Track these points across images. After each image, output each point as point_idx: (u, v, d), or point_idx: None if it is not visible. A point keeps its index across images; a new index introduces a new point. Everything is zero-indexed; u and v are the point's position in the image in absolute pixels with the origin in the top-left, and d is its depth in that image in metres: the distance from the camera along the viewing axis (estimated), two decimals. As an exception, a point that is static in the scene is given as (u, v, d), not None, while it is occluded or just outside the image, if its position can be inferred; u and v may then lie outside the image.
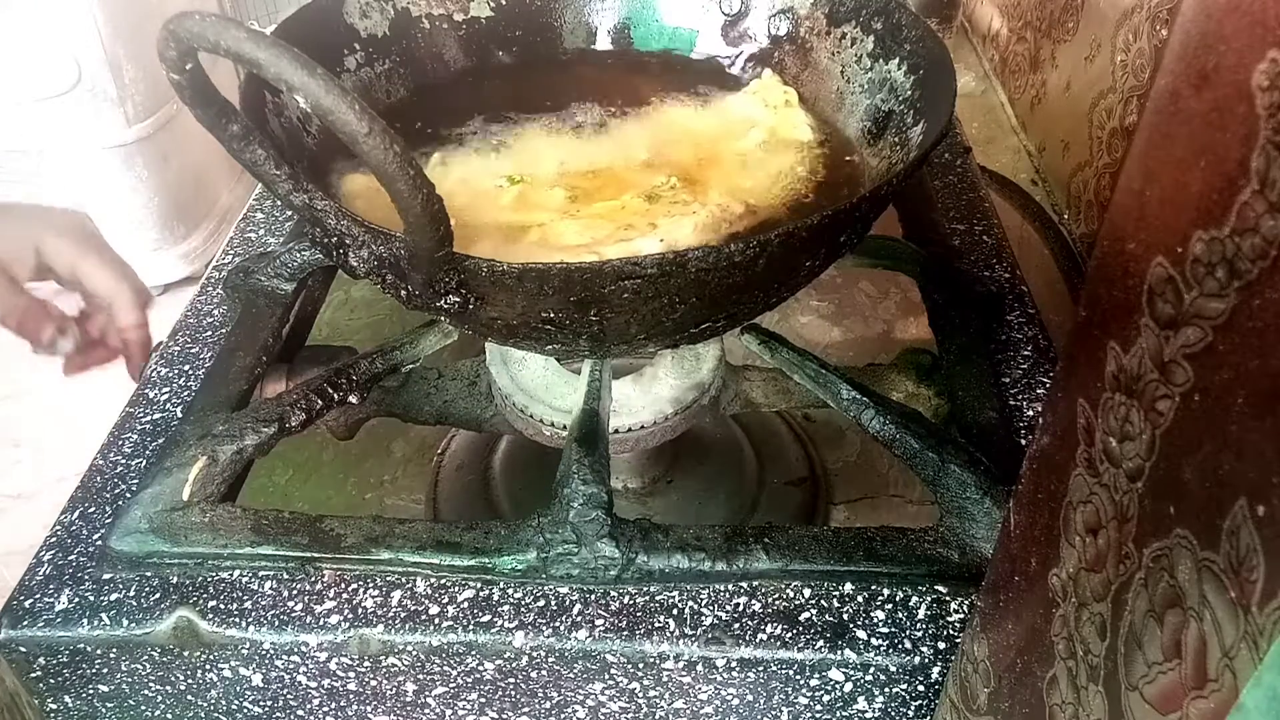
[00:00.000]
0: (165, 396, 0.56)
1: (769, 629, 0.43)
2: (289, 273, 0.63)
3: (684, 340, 0.47)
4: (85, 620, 0.44)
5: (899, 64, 0.54)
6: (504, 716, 0.46)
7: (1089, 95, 0.73)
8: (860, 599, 0.44)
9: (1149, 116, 0.23)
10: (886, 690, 0.43)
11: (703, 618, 0.43)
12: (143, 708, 0.47)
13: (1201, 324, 0.21)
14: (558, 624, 0.43)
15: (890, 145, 0.52)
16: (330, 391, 0.52)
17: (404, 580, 0.45)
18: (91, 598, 0.45)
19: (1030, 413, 0.54)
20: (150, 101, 1.60)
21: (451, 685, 0.45)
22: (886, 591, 0.44)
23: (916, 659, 0.42)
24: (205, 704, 0.46)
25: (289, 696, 0.46)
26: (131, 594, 0.45)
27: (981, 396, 0.54)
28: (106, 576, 0.46)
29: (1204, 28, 0.21)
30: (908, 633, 0.43)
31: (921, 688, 0.43)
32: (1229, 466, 0.20)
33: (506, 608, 0.44)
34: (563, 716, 0.45)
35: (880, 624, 0.43)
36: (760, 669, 0.43)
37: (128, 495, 0.49)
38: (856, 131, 0.56)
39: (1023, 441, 0.52)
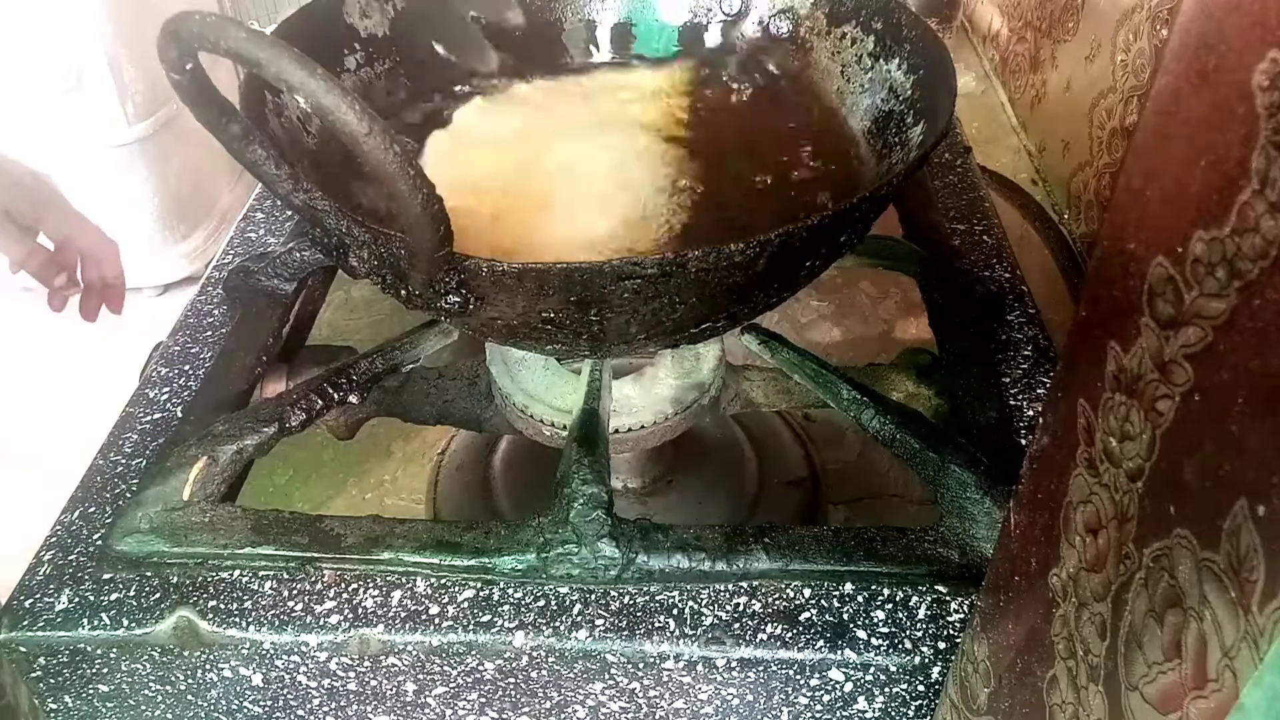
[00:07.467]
0: (165, 396, 0.56)
1: (769, 629, 0.43)
2: (289, 273, 0.63)
3: (684, 340, 0.47)
4: (85, 620, 0.44)
5: (899, 64, 0.54)
6: (504, 716, 0.46)
7: (1089, 95, 0.73)
8: (860, 599, 0.44)
9: (1149, 116, 0.23)
10: (886, 690, 0.43)
11: (703, 618, 0.43)
12: (143, 708, 0.47)
13: (1202, 324, 0.21)
14: (558, 624, 0.43)
15: (890, 145, 0.52)
16: (330, 391, 0.52)
17: (404, 580, 0.45)
18: (91, 598, 0.45)
19: (1030, 413, 0.54)
20: (150, 101, 1.60)
21: (451, 685, 0.45)
22: (886, 591, 0.44)
23: (916, 659, 0.42)
24: (205, 704, 0.46)
25: (289, 696, 0.46)
26: (131, 594, 0.45)
27: (981, 396, 0.54)
28: (106, 576, 0.46)
29: (1204, 28, 0.21)
30: (908, 633, 0.43)
31: (921, 688, 0.43)
32: (1229, 466, 0.20)
33: (506, 608, 0.44)
34: (563, 716, 0.45)
35: (880, 624, 0.43)
36: (760, 669, 0.43)
37: (128, 495, 0.49)
38: (856, 131, 0.56)
39: (1023, 441, 0.52)
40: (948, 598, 0.44)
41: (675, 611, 0.44)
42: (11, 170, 0.60)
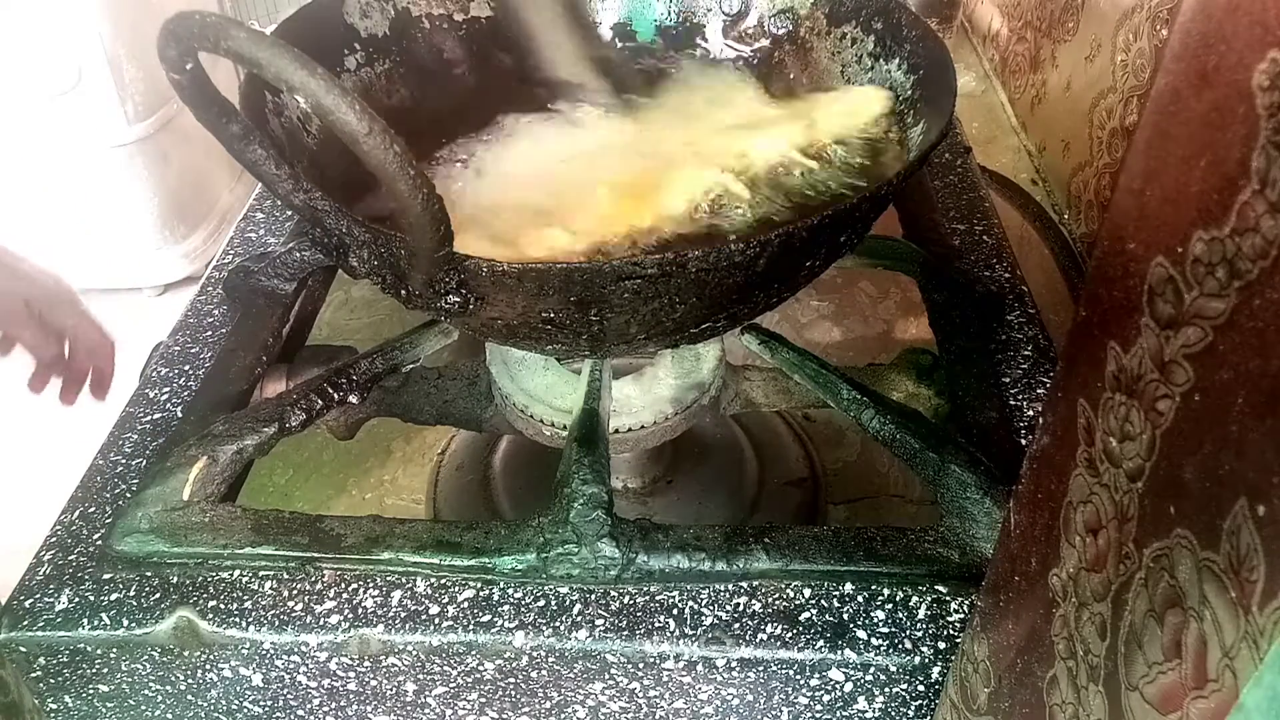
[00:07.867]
0: (165, 396, 0.56)
1: (769, 629, 0.43)
2: (289, 273, 0.63)
3: (684, 340, 0.47)
4: (85, 620, 0.44)
5: (899, 64, 0.54)
6: (504, 716, 0.46)
7: (1089, 95, 0.73)
8: (860, 599, 0.44)
9: (1149, 116, 0.23)
10: (886, 690, 0.43)
11: (703, 618, 0.43)
12: (143, 708, 0.47)
13: (1202, 324, 0.21)
14: (558, 624, 0.43)
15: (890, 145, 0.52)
16: (330, 391, 0.52)
17: (404, 580, 0.45)
18: (91, 598, 0.45)
19: (1030, 413, 0.54)
20: (150, 101, 1.60)
21: (451, 685, 0.45)
22: (886, 591, 0.44)
23: (916, 659, 0.42)
24: (205, 704, 0.46)
25: (289, 696, 0.46)
26: (131, 594, 0.45)
27: (981, 396, 0.54)
28: (106, 576, 0.46)
29: (1204, 28, 0.21)
30: (908, 633, 0.43)
31: (921, 688, 0.43)
32: (1229, 466, 0.20)
33: (506, 608, 0.44)
34: (563, 716, 0.45)
35: (880, 624, 0.43)
36: (760, 669, 0.43)
37: (128, 495, 0.49)
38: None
39: (1023, 441, 0.52)
40: (948, 598, 0.44)
41: (675, 611, 0.44)
42: (38, 277, 0.66)
